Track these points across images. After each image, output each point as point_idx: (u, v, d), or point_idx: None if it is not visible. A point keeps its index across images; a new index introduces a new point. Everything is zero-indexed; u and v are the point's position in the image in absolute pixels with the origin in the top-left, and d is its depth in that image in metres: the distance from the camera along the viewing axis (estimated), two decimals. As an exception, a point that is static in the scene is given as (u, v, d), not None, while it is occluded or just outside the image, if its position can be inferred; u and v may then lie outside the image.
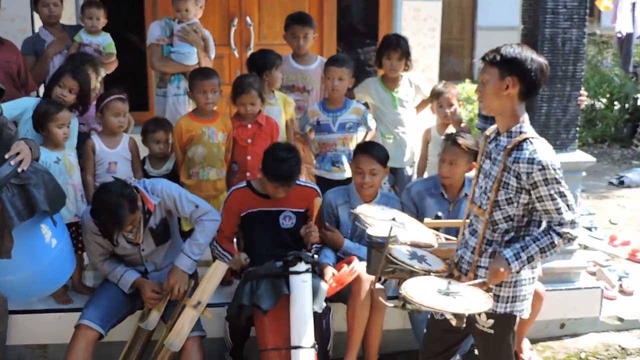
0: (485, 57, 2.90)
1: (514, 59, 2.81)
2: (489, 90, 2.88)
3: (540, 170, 2.74)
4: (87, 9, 5.17)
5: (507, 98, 2.86)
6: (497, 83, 2.84)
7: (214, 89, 4.49)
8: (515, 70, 2.81)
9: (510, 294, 2.95)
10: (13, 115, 4.05)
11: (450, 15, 10.73)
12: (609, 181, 8.00)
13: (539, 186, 2.77)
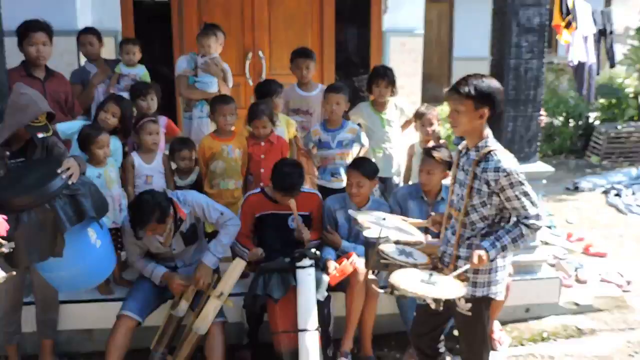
0: (458, 89, 2.88)
1: (488, 93, 2.85)
2: (463, 119, 2.90)
3: (505, 177, 2.80)
4: (125, 45, 5.20)
5: (478, 122, 2.90)
6: (472, 113, 2.87)
7: (232, 113, 4.53)
8: (488, 101, 2.85)
9: (486, 279, 2.97)
10: (66, 134, 4.08)
11: (430, 48, 10.72)
12: (565, 187, 8.00)
13: (506, 189, 2.82)
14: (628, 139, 9.25)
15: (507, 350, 4.19)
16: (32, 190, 3.17)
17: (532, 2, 4.30)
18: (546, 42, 4.45)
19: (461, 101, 2.87)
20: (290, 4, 7.27)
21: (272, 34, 7.28)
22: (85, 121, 4.36)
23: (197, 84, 5.22)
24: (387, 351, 4.18)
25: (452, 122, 3.03)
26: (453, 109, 2.94)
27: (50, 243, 3.17)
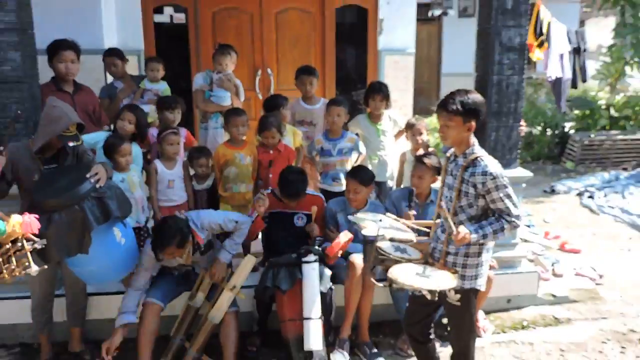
0: (447, 107, 2.89)
1: (474, 108, 2.87)
2: (453, 132, 2.92)
3: (492, 180, 2.82)
4: (150, 63, 5.23)
5: (466, 134, 2.92)
6: (461, 127, 2.89)
7: (244, 124, 4.53)
8: (474, 116, 2.88)
9: (473, 273, 2.98)
10: (91, 144, 4.08)
11: (420, 65, 10.72)
12: (543, 190, 7.99)
13: (492, 192, 2.84)
14: (600, 146, 9.24)
15: (490, 337, 4.18)
16: (63, 193, 3.17)
17: (513, 24, 4.30)
18: (526, 59, 4.45)
19: (450, 118, 2.89)
20: (295, 26, 7.28)
21: (279, 53, 7.29)
22: (107, 132, 4.37)
23: (213, 98, 5.23)
24: (382, 337, 4.17)
25: (442, 135, 3.04)
26: (443, 124, 2.96)
27: (78, 241, 3.18)
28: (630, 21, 9.42)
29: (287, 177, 3.98)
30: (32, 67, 3.94)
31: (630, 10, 9.50)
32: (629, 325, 4.33)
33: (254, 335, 4.05)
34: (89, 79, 5.09)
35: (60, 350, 3.96)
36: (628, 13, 9.50)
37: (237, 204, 4.49)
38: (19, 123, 3.82)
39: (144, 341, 3.59)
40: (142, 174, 4.33)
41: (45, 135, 3.33)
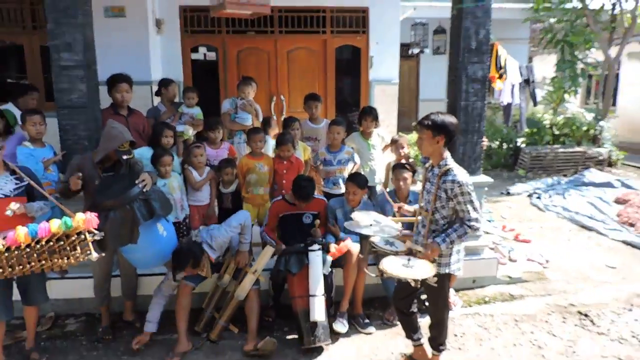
0: (421, 122, 2.93)
1: (442, 125, 2.87)
2: (426, 143, 2.95)
3: (458, 187, 2.82)
4: (186, 92, 5.21)
5: (437, 146, 2.92)
6: (431, 139, 2.91)
7: (262, 140, 4.51)
8: (442, 131, 2.88)
9: (447, 261, 3.00)
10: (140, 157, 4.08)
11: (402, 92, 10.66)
12: (500, 192, 7.93)
13: (458, 196, 2.84)
14: (545, 157, 9.20)
15: (459, 310, 4.14)
16: (117, 196, 3.15)
17: (477, 60, 4.27)
18: (486, 88, 4.42)
19: (423, 131, 2.92)
20: (303, 62, 7.27)
21: (290, 83, 7.29)
22: (149, 149, 4.32)
23: (237, 119, 5.21)
24: (372, 310, 4.13)
25: (418, 146, 3.06)
26: (419, 136, 3.00)
27: (129, 233, 3.16)
28: (569, 58, 9.42)
29: (300, 183, 3.94)
30: (95, 96, 3.93)
31: (569, 49, 9.49)
32: (570, 300, 4.27)
33: (270, 309, 4.02)
34: (139, 104, 5.09)
35: (117, 319, 3.95)
36: (567, 52, 9.50)
37: (256, 203, 4.46)
38: (84, 140, 3.81)
39: (180, 314, 3.57)
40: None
41: (105, 150, 3.33)
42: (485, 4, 4.16)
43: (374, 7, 7.12)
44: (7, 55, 6.61)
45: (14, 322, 3.74)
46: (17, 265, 2.72)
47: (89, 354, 3.56)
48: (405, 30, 10.08)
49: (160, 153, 3.96)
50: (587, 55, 9.99)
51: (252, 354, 3.49)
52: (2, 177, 3.09)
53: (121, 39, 5.90)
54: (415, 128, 3.02)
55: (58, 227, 2.70)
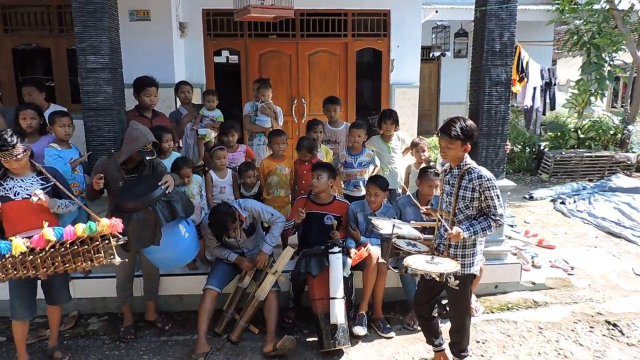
0: (448, 134, 2.86)
1: (471, 135, 2.87)
2: (453, 153, 2.91)
3: (486, 182, 2.84)
4: (206, 95, 5.24)
5: (463, 153, 2.92)
6: (459, 148, 2.89)
7: (283, 142, 4.52)
8: (470, 139, 2.88)
9: (470, 261, 2.97)
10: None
11: (423, 95, 10.59)
12: (523, 196, 7.79)
13: (486, 191, 2.83)
14: (570, 162, 8.99)
15: (481, 316, 4.06)
16: (140, 197, 3.17)
17: (500, 63, 4.19)
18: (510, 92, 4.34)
19: (451, 142, 2.88)
20: (324, 65, 7.26)
21: (311, 86, 7.28)
22: (177, 153, 4.37)
23: (257, 122, 5.23)
24: (392, 314, 4.08)
25: (443, 155, 3.01)
26: (445, 146, 2.93)
27: (152, 235, 3.18)
28: (595, 60, 9.21)
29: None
30: (120, 98, 3.98)
31: (595, 52, 9.28)
32: (596, 309, 4.15)
33: (290, 310, 4.00)
34: (162, 106, 5.15)
35: (139, 318, 3.97)
36: (593, 54, 9.29)
37: (277, 205, 4.46)
38: (110, 141, 3.87)
39: (202, 317, 3.58)
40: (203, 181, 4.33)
41: (128, 151, 3.35)
42: (510, 6, 4.09)
43: (396, 10, 7.07)
44: (35, 58, 6.75)
45: (37, 320, 3.80)
46: (41, 266, 2.75)
47: (111, 353, 3.59)
48: (427, 33, 10.01)
49: (180, 165, 3.97)
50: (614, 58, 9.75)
51: (272, 355, 3.48)
52: (29, 177, 3.14)
53: (146, 43, 5.97)
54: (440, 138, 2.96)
55: (83, 230, 2.73)
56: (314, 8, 6.92)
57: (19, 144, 3.00)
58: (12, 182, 3.08)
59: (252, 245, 3.95)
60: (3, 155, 2.96)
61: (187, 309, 4.11)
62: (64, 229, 2.73)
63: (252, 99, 5.50)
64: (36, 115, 3.88)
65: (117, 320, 3.99)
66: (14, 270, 2.72)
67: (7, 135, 2.97)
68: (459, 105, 11.89)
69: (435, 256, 2.93)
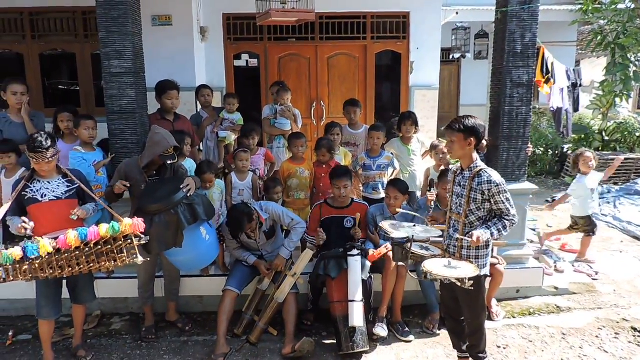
0: (451, 126, 2.94)
1: (472, 128, 2.88)
2: (456, 147, 2.94)
3: (495, 187, 2.84)
4: (227, 98, 5.30)
5: (468, 149, 2.92)
6: (462, 142, 2.91)
7: (303, 145, 4.54)
8: (472, 133, 2.88)
9: (483, 262, 2.97)
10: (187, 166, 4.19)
11: (443, 98, 10.53)
12: (545, 200, 7.65)
13: (495, 196, 2.85)
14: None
15: (502, 320, 4.00)
16: (162, 200, 3.21)
17: (522, 65, 4.15)
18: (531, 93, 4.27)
19: (454, 134, 2.93)
20: (343, 68, 7.27)
21: (330, 89, 7.30)
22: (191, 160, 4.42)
23: (276, 124, 5.26)
24: (412, 318, 4.05)
25: (448, 149, 3.05)
26: (449, 140, 3.00)
27: (173, 237, 3.21)
28: (620, 61, 9.02)
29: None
30: (143, 101, 4.05)
31: (620, 52, 9.09)
32: (622, 315, 4.06)
33: (309, 313, 4.00)
34: (183, 109, 5.22)
35: (160, 319, 4.03)
36: (617, 54, 9.10)
37: (297, 207, 4.47)
38: (132, 144, 3.94)
39: (222, 318, 3.61)
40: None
41: (150, 155, 3.40)
42: (532, 7, 4.04)
43: (415, 12, 7.04)
44: (60, 63, 6.91)
45: (62, 319, 3.88)
46: (66, 266, 2.82)
47: (133, 352, 3.65)
48: (447, 35, 9.92)
49: (204, 170, 4.00)
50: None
51: (290, 357, 3.49)
52: (55, 179, 3.22)
53: (167, 47, 6.06)
54: (446, 131, 3.02)
55: (106, 230, 2.79)
56: (334, 11, 6.94)
57: (52, 147, 3.08)
58: (39, 184, 3.16)
59: (271, 248, 3.97)
60: (37, 157, 3.04)
61: (207, 309, 4.15)
62: (87, 229, 2.79)
63: (271, 102, 5.53)
64: (72, 117, 4.06)
65: (139, 320, 4.06)
66: (40, 270, 2.79)
67: (42, 138, 3.05)
68: (479, 107, 11.75)
69: (452, 260, 2.91)
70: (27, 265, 2.76)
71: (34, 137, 3.07)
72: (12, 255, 2.73)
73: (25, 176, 3.21)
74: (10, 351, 3.68)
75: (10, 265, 2.76)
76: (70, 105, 4.28)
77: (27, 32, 6.37)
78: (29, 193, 3.12)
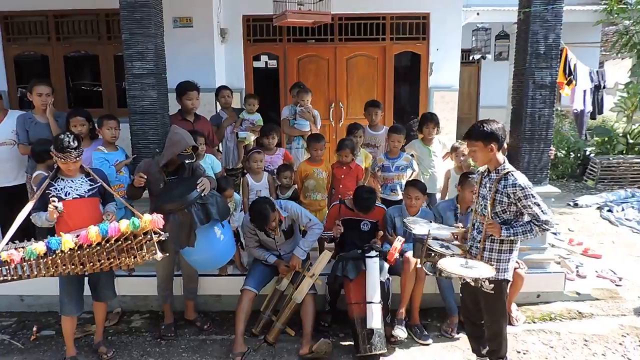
0: (468, 137, 2.92)
1: (490, 133, 2.84)
2: (480, 155, 2.91)
3: (520, 190, 2.78)
4: (247, 99, 5.34)
5: (491, 154, 2.88)
6: (483, 149, 2.88)
7: (322, 148, 4.55)
8: (492, 139, 2.85)
9: (505, 266, 2.93)
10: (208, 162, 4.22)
11: (462, 99, 10.45)
12: (567, 203, 7.51)
13: (522, 200, 2.78)
14: (618, 168, 8.62)
15: (522, 325, 3.94)
16: (176, 199, 3.24)
17: (545, 66, 4.08)
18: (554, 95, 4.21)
19: (473, 144, 2.90)
20: (362, 69, 7.26)
21: (348, 90, 7.29)
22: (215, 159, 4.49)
23: (295, 125, 5.27)
24: (430, 321, 4.02)
25: (473, 159, 3.04)
26: (470, 150, 2.97)
27: (187, 236, 3.24)
28: (646, 62, 8.84)
29: (362, 195, 3.90)
30: (164, 102, 4.11)
31: (646, 53, 8.90)
32: (647, 322, 3.97)
33: (326, 314, 4.00)
34: (203, 110, 5.27)
35: (179, 317, 4.07)
36: (643, 55, 8.91)
37: (314, 209, 4.47)
38: (154, 144, 3.99)
39: (240, 317, 3.63)
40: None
41: (169, 155, 3.45)
42: (556, 7, 3.98)
43: (436, 12, 6.99)
44: (83, 64, 7.04)
45: (84, 316, 3.92)
46: (88, 262, 2.87)
47: (152, 350, 3.70)
48: (467, 36, 9.84)
49: (224, 187, 4.01)
50: (666, 60, 9.31)
51: (308, 358, 3.50)
52: (78, 178, 3.28)
53: (188, 48, 6.13)
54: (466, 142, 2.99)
55: (127, 227, 2.83)
56: (353, 12, 6.94)
57: (78, 147, 3.15)
58: (63, 183, 3.23)
59: (289, 248, 3.98)
60: (63, 156, 3.11)
61: (225, 309, 4.18)
62: (108, 225, 2.84)
63: (290, 103, 5.55)
64: (85, 121, 4.09)
65: (158, 318, 4.10)
66: (62, 265, 2.85)
67: (68, 139, 3.12)
68: (499, 109, 11.61)
69: (470, 260, 2.89)
70: (50, 260, 2.82)
71: (61, 138, 3.13)
72: (35, 250, 2.80)
73: (49, 175, 3.28)
74: (35, 346, 3.76)
75: (34, 260, 2.83)
76: (82, 109, 4.29)
77: (52, 34, 6.50)
78: (53, 191, 3.19)
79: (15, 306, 4.27)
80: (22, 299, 4.27)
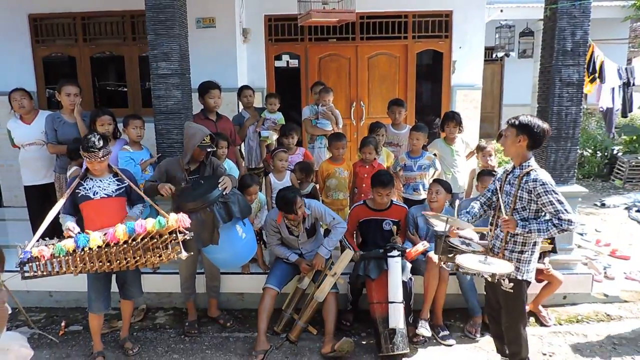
0: (508, 121, 2.89)
1: (526, 125, 2.79)
2: (508, 142, 2.88)
3: (541, 186, 2.74)
4: (269, 98, 5.35)
5: (519, 147, 2.84)
6: (513, 138, 2.84)
7: (343, 147, 4.55)
8: (525, 131, 2.79)
9: (526, 267, 2.90)
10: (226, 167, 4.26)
11: (485, 97, 10.29)
12: (594, 203, 7.35)
13: (542, 196, 2.74)
14: (646, 167, 8.41)
15: (548, 327, 3.87)
16: (198, 198, 3.26)
17: (572, 63, 4.01)
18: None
19: (508, 129, 2.88)
20: (383, 68, 7.21)
21: (369, 89, 7.25)
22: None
23: (317, 125, 5.28)
24: (453, 321, 3.99)
25: (502, 144, 3.02)
26: (504, 134, 2.95)
27: (209, 235, 3.27)
28: (676, 58, 8.60)
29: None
30: (188, 102, 4.15)
31: (676, 49, 8.67)
32: (678, 325, 3.86)
33: (348, 313, 4.00)
34: (225, 109, 5.31)
35: (202, 314, 4.12)
36: (673, 51, 8.68)
37: (336, 208, 4.46)
38: (178, 144, 4.04)
39: (262, 315, 3.65)
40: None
41: (190, 148, 3.49)
42: (584, 3, 3.89)
43: (458, 10, 6.90)
44: (109, 65, 7.16)
45: (110, 311, 4.02)
46: (114, 260, 2.92)
47: (176, 346, 3.75)
48: (490, 33, 9.69)
49: (248, 183, 4.02)
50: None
51: (330, 356, 3.50)
52: (106, 178, 3.34)
53: (211, 48, 6.17)
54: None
55: (153, 225, 2.87)
56: (375, 11, 6.90)
57: (104, 147, 3.21)
58: (92, 183, 3.29)
59: (311, 247, 3.98)
60: (90, 156, 3.18)
61: (247, 307, 4.22)
62: (135, 223, 2.88)
63: (311, 103, 5.55)
64: (112, 120, 4.14)
65: (182, 315, 4.16)
66: (90, 262, 2.91)
67: (95, 139, 3.19)
68: (523, 107, 11.43)
69: (490, 257, 2.86)
70: (79, 257, 2.88)
71: (88, 138, 3.20)
72: (65, 247, 2.86)
73: (79, 174, 3.35)
74: (63, 341, 3.85)
75: (63, 257, 2.89)
76: (106, 108, 4.31)
77: (79, 35, 6.63)
78: (82, 191, 3.26)
79: (45, 302, 4.39)
80: (50, 294, 4.37)
